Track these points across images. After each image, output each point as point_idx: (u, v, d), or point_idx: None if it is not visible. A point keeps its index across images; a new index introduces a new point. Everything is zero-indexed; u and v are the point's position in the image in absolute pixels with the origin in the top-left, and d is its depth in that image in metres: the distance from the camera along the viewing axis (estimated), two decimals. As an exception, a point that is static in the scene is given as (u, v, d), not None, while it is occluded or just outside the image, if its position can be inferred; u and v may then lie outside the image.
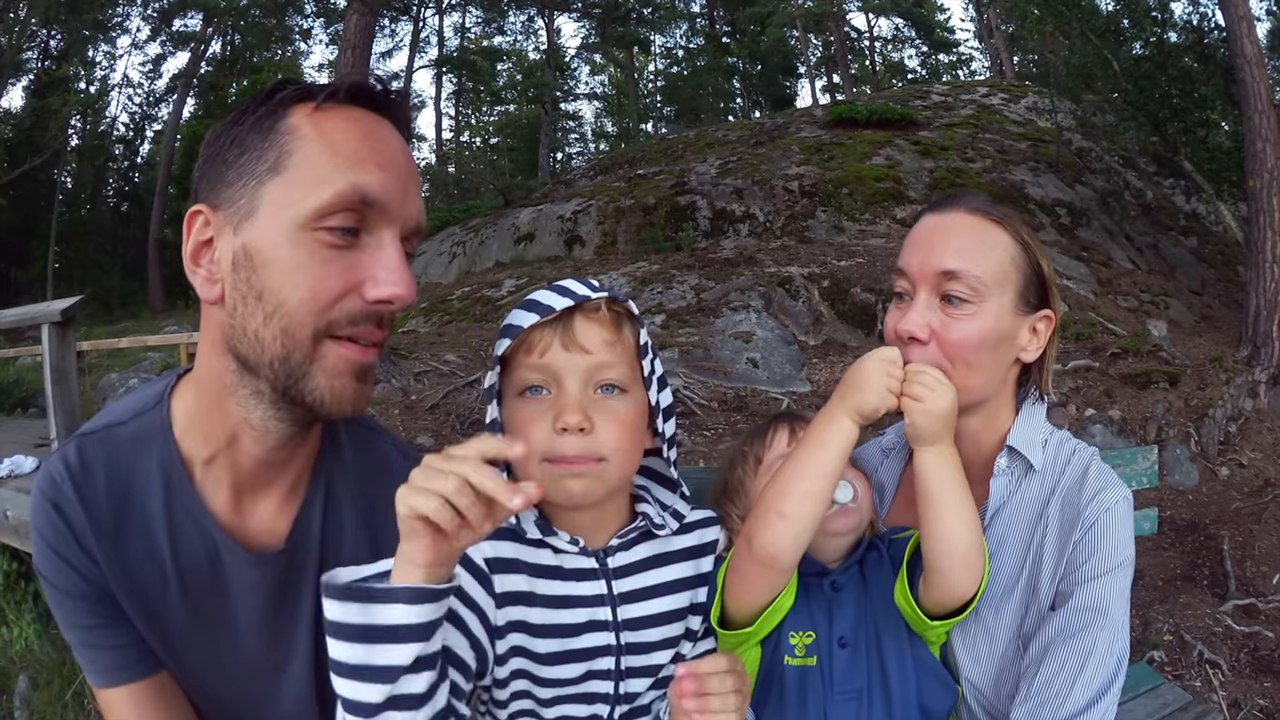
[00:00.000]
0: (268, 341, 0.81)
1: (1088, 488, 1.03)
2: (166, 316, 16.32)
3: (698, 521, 1.05)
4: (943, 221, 1.08)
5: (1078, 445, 1.11)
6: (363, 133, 0.83)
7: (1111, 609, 0.97)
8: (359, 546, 0.99)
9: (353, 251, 0.82)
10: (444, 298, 9.77)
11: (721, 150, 12.97)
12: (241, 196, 0.80)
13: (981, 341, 1.04)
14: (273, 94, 0.83)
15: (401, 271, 0.84)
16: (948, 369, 1.02)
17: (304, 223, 0.79)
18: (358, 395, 0.86)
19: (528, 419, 0.90)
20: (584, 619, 0.95)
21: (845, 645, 1.01)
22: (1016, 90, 15.35)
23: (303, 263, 0.80)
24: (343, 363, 0.83)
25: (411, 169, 0.87)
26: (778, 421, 1.13)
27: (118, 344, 7.06)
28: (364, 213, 0.81)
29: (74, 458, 0.88)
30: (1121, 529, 1.01)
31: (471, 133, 35.12)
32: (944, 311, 1.04)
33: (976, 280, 1.03)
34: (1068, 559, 1.01)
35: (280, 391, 0.84)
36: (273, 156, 0.80)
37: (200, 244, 0.83)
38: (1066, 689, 0.94)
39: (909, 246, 1.10)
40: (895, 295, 1.11)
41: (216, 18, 18.14)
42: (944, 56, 31.73)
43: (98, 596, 0.89)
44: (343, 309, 0.81)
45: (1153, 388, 6.27)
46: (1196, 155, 8.54)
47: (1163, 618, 4.00)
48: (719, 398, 6.17)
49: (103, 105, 25.82)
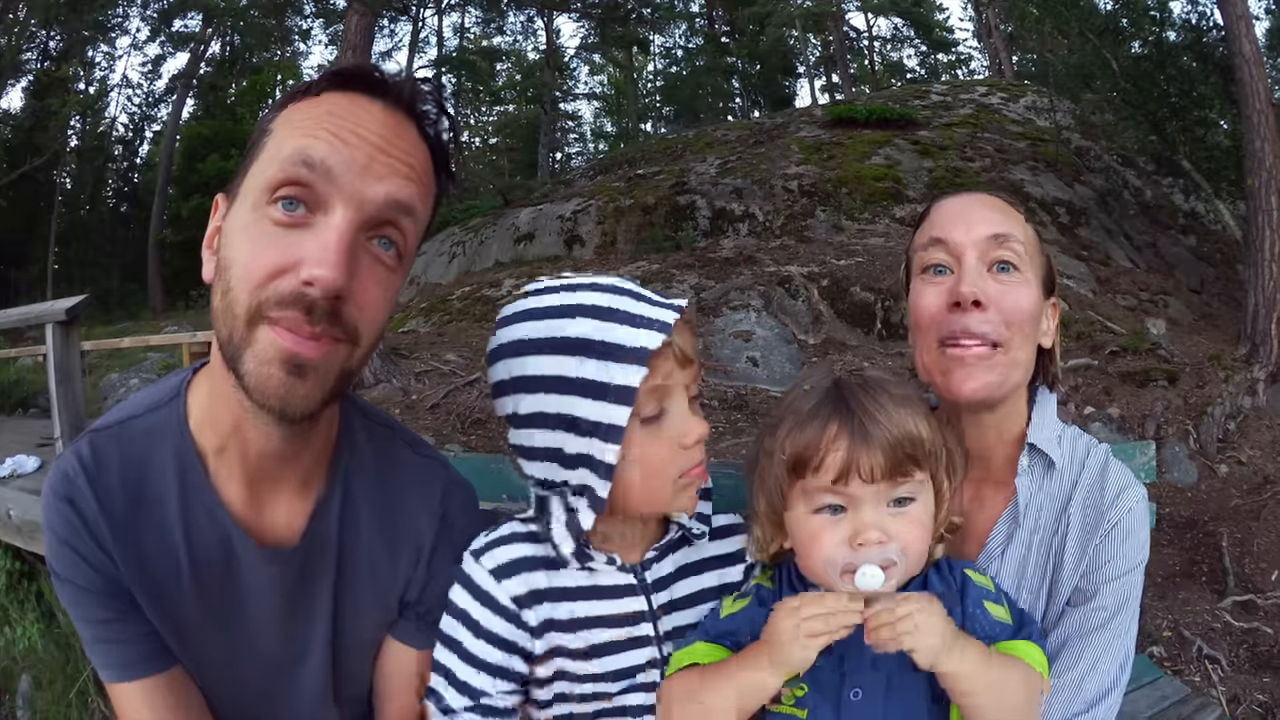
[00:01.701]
0: (221, 318, 0.80)
1: (1109, 487, 1.03)
2: (166, 317, 16.32)
3: (724, 528, 1.05)
4: (973, 198, 1.09)
5: (1089, 440, 1.11)
6: (328, 109, 0.80)
7: (1127, 607, 0.99)
8: (374, 544, 0.98)
9: (300, 230, 0.77)
10: (444, 298, 9.78)
11: (721, 150, 12.97)
12: (238, 184, 0.83)
13: (1033, 309, 1.03)
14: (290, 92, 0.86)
15: (332, 253, 0.76)
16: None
17: (257, 199, 0.79)
18: (286, 390, 0.78)
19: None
20: (625, 636, 0.96)
21: (859, 697, 0.90)
22: (1015, 90, 15.34)
23: (249, 239, 0.78)
24: (270, 349, 0.77)
25: (392, 147, 0.81)
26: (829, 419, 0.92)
27: (119, 344, 7.07)
28: (311, 183, 0.77)
29: (87, 452, 0.88)
30: (1141, 529, 1.02)
31: (471, 133, 35.10)
32: (996, 280, 1.02)
33: (1021, 246, 1.03)
34: (1089, 558, 1.01)
35: (233, 375, 0.80)
36: (260, 144, 0.82)
37: (214, 229, 0.86)
38: (1077, 684, 0.95)
39: (943, 221, 1.07)
40: (927, 270, 1.06)
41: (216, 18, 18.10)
42: (943, 56, 31.71)
43: (112, 591, 0.88)
44: (275, 288, 0.76)
45: (1152, 386, 6.28)
46: (1195, 154, 8.55)
47: (1162, 614, 4.01)
48: (719, 396, 6.18)
49: (102, 106, 25.83)
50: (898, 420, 0.90)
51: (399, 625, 1.01)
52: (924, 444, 0.91)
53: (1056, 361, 1.12)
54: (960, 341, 1.01)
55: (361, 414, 1.03)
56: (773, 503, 0.95)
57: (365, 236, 0.81)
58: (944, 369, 1.03)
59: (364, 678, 1.03)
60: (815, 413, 0.93)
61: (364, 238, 0.81)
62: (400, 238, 0.84)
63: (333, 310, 0.77)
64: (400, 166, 0.82)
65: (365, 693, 1.05)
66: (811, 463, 0.90)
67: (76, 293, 4.76)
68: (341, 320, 0.79)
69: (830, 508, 0.90)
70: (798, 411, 0.94)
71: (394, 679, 1.02)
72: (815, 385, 0.98)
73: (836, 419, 0.91)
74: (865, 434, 0.89)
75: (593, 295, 0.90)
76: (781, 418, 0.96)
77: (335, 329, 0.79)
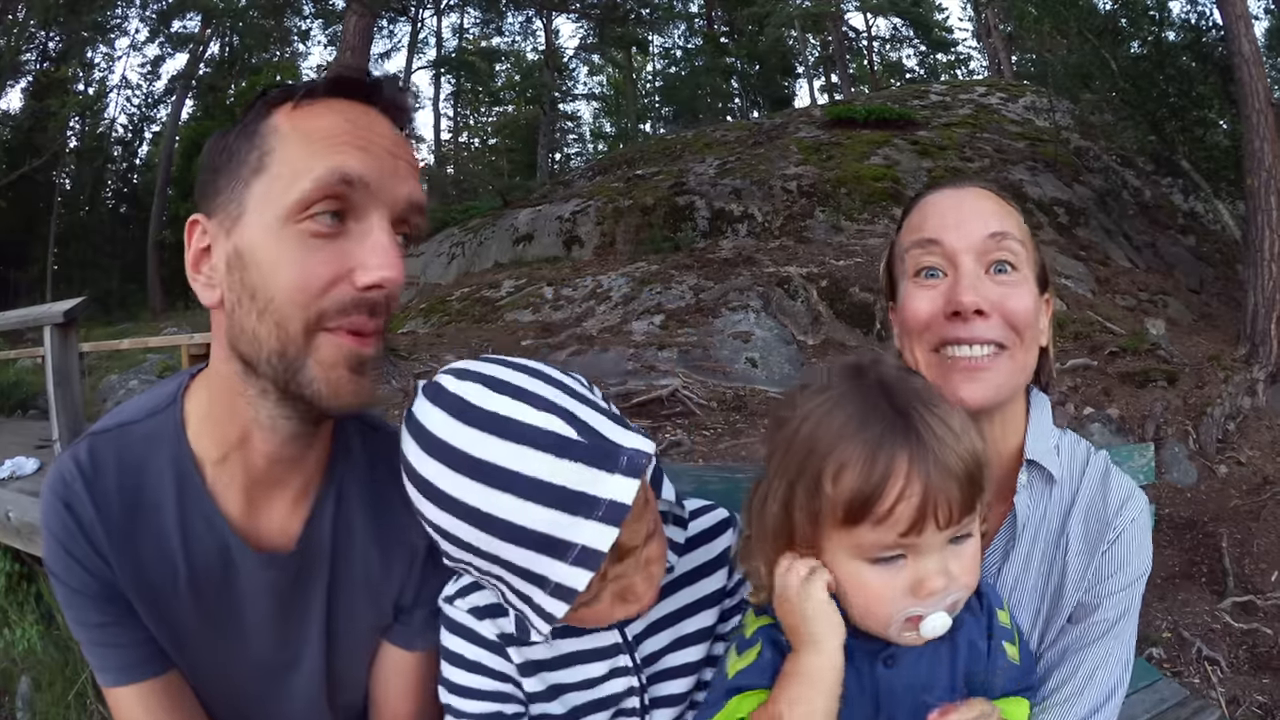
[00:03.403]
0: (264, 338, 0.81)
1: (1111, 498, 1.00)
2: (166, 318, 16.33)
3: (697, 537, 0.99)
4: (966, 193, 1.02)
5: (1088, 447, 1.08)
6: (341, 120, 0.82)
7: (1127, 616, 0.97)
8: (368, 548, 0.98)
9: (340, 240, 0.80)
10: (443, 298, 9.78)
11: (720, 150, 12.97)
12: (231, 201, 0.81)
13: (1035, 310, 0.97)
14: (259, 98, 0.84)
15: (390, 254, 0.81)
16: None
17: (287, 216, 0.79)
18: (356, 388, 0.83)
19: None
20: (605, 670, 0.94)
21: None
22: (1015, 90, 15.36)
23: (289, 256, 0.79)
24: (336, 353, 0.81)
25: (401, 150, 0.84)
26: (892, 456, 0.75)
27: (119, 345, 7.06)
28: (347, 196, 0.79)
29: (85, 456, 0.88)
30: (1145, 541, 0.99)
31: (470, 133, 35.14)
32: (995, 282, 0.96)
33: (1019, 244, 0.98)
34: (1092, 572, 0.98)
35: (281, 388, 0.83)
36: (255, 158, 0.81)
37: (199, 252, 0.85)
38: (1078, 694, 0.94)
39: (934, 218, 1.00)
40: (919, 273, 1.00)
41: (215, 19, 18.12)
42: (942, 56, 31.71)
43: (108, 595, 0.88)
44: (332, 298, 0.80)
45: (1151, 386, 6.28)
46: (1194, 154, 8.56)
47: (1161, 615, 4.01)
48: (718, 397, 6.18)
49: (101, 107, 25.84)
50: (968, 443, 0.76)
51: (393, 629, 1.01)
52: (987, 466, 0.79)
53: (1051, 360, 1.08)
54: (963, 343, 0.96)
55: (354, 417, 1.02)
56: (796, 548, 0.81)
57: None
58: (943, 374, 0.97)
59: (358, 682, 1.03)
60: (874, 442, 0.75)
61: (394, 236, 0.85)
62: (410, 231, 0.88)
63: (386, 306, 0.84)
64: (411, 169, 0.86)
65: (360, 698, 1.05)
66: (875, 513, 0.74)
67: (76, 293, 4.76)
68: (387, 313, 0.85)
69: (889, 559, 0.77)
70: (844, 437, 0.76)
71: (388, 683, 1.02)
72: (844, 391, 0.80)
73: (905, 453, 0.73)
74: (944, 469, 0.74)
75: (535, 462, 0.73)
76: (813, 443, 0.77)
77: (385, 322, 0.85)
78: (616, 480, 0.73)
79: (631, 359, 6.78)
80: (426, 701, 1.02)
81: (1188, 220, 10.77)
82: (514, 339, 7.67)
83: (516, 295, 9.08)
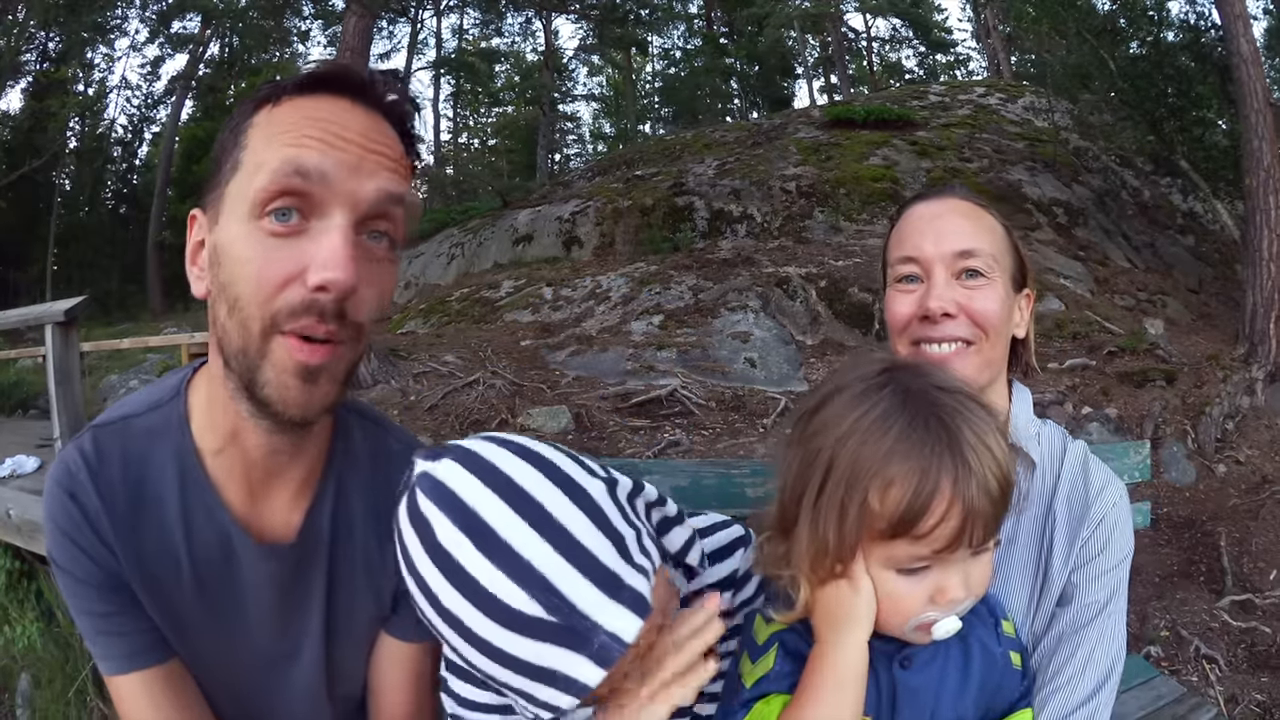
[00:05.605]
0: (233, 335, 0.80)
1: (1092, 482, 1.09)
2: (165, 319, 16.33)
3: (707, 557, 0.95)
4: (943, 207, 1.14)
5: (1064, 435, 1.16)
6: (306, 114, 0.80)
7: (1116, 597, 1.04)
8: (367, 539, 0.99)
9: (298, 238, 0.78)
10: (443, 299, 9.78)
11: (719, 151, 12.98)
12: (218, 197, 0.83)
13: (1001, 309, 1.10)
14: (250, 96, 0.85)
15: (339, 255, 0.77)
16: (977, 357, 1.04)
17: (250, 212, 0.78)
18: (305, 398, 0.81)
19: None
20: None
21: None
22: (1014, 90, 15.36)
23: (252, 253, 0.78)
24: (286, 359, 0.79)
25: (376, 144, 0.82)
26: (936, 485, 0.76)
27: (119, 345, 7.07)
28: (306, 191, 0.77)
29: (89, 447, 0.89)
30: (1126, 524, 1.07)
31: (469, 134, 35.11)
32: (963, 286, 1.09)
33: (989, 256, 1.09)
34: (1077, 553, 1.06)
35: (245, 388, 0.82)
36: (235, 155, 0.82)
37: (196, 244, 0.86)
38: (1078, 676, 0.99)
39: (913, 234, 1.13)
40: (900, 280, 1.14)
41: (215, 20, 18.09)
42: (941, 57, 31.72)
43: (112, 585, 0.89)
44: (285, 300, 0.78)
45: (1149, 386, 6.29)
46: (1193, 154, 8.56)
47: (1160, 614, 4.02)
48: (717, 397, 6.18)
49: (101, 107, 25.80)
50: (1005, 462, 0.79)
51: (392, 620, 1.02)
52: (1015, 484, 0.82)
53: (1031, 349, 1.19)
54: (934, 341, 1.09)
55: (355, 412, 1.04)
56: (833, 563, 0.81)
57: (357, 234, 0.82)
58: None
59: (358, 674, 1.04)
60: (923, 463, 0.76)
61: (357, 236, 0.82)
62: (391, 227, 0.85)
63: (340, 311, 0.79)
64: (386, 161, 0.83)
65: (359, 689, 1.06)
66: (915, 531, 0.76)
67: (76, 294, 4.76)
68: (347, 319, 0.81)
69: (916, 569, 0.81)
70: (894, 455, 0.77)
71: (387, 674, 1.03)
72: (890, 406, 0.80)
73: (950, 477, 0.75)
74: (985, 493, 0.76)
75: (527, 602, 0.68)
76: (859, 459, 0.78)
77: (343, 329, 0.81)
78: (583, 663, 0.68)
79: (631, 359, 6.79)
80: (424, 692, 1.03)
81: (1186, 220, 10.78)
82: (513, 339, 7.68)
83: (516, 295, 9.08)
